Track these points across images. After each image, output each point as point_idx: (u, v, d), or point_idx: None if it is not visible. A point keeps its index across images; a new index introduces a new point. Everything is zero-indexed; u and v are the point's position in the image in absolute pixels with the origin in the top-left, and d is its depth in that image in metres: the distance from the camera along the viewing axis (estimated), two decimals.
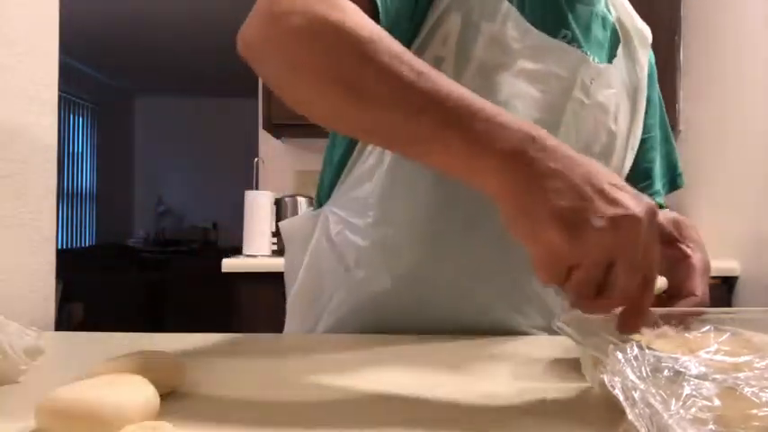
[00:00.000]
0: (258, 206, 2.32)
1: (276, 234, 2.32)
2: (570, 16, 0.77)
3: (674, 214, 0.73)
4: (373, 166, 0.75)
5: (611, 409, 0.45)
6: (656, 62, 0.92)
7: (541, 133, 0.48)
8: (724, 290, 2.08)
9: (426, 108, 0.49)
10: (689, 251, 0.69)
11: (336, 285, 0.78)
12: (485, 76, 0.71)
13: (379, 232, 0.75)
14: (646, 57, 0.87)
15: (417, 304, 0.75)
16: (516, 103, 0.72)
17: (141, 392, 0.43)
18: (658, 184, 0.90)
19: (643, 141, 0.88)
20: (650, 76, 0.90)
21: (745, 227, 2.08)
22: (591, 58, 0.77)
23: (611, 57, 0.82)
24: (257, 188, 2.65)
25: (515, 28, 0.72)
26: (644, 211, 0.45)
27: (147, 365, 0.50)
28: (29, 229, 0.88)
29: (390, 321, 0.75)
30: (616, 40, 0.83)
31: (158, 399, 0.45)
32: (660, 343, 0.49)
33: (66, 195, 5.73)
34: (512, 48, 0.71)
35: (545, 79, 0.73)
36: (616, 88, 0.81)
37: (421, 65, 0.51)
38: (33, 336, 0.59)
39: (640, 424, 0.35)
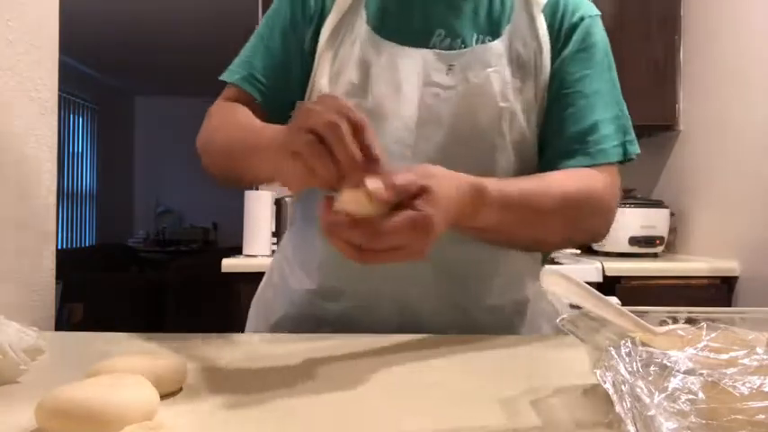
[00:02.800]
0: (258, 206, 2.31)
1: (276, 234, 2.32)
2: (447, 13, 0.83)
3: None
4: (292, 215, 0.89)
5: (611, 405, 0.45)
6: (656, 62, 0.92)
7: None
8: (724, 290, 2.08)
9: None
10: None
11: (283, 294, 0.87)
12: (356, 93, 0.81)
13: (325, 251, 0.82)
14: (540, 18, 0.85)
15: (362, 308, 0.81)
16: (384, 108, 0.80)
17: (141, 392, 0.43)
18: (609, 143, 0.85)
19: (579, 96, 0.84)
20: (568, 34, 0.86)
21: (746, 227, 2.08)
22: (457, 47, 0.82)
23: (498, 34, 0.83)
24: (257, 188, 2.64)
25: (372, 46, 0.82)
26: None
27: (147, 366, 0.50)
28: (29, 229, 0.88)
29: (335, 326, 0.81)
30: (510, 17, 0.84)
31: (158, 399, 0.45)
32: (658, 340, 0.49)
33: (66, 195, 5.73)
34: (370, 64, 0.82)
35: (397, 83, 0.81)
36: (497, 65, 0.81)
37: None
38: (33, 336, 0.59)
39: (626, 416, 0.35)
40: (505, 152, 0.81)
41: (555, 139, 0.83)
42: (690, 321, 0.54)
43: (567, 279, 0.51)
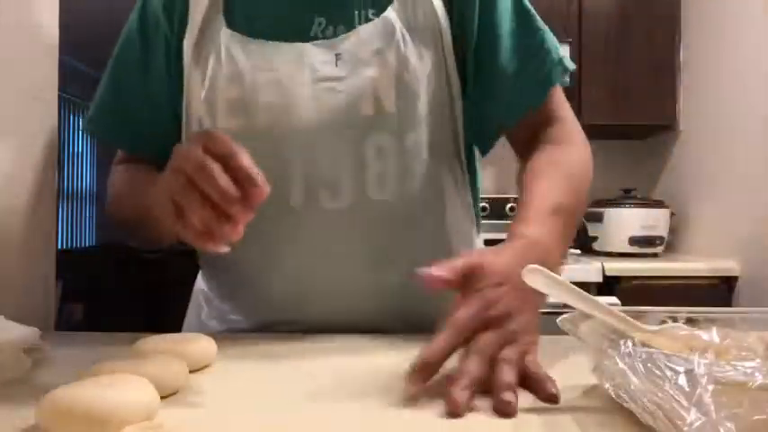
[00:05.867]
0: None
1: None
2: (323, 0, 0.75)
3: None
4: None
5: (617, 406, 0.45)
6: (656, 62, 0.90)
7: None
8: (724, 290, 2.08)
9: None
10: None
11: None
12: (239, 113, 0.73)
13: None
14: None
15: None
16: (278, 120, 0.73)
17: (141, 392, 0.43)
18: (547, 70, 0.78)
19: (497, 69, 0.77)
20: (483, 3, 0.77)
21: (745, 227, 2.08)
22: (338, 34, 0.74)
23: (383, 7, 0.75)
24: None
25: (242, 52, 0.74)
26: None
27: (147, 366, 0.50)
28: (29, 229, 0.88)
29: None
30: None
31: (158, 399, 0.45)
32: (658, 340, 0.49)
33: (66, 195, 5.73)
34: (244, 73, 0.73)
35: (278, 82, 0.73)
36: (389, 40, 0.73)
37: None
38: (33, 336, 0.59)
39: (643, 417, 0.35)
40: (418, 128, 0.75)
41: (489, 97, 0.78)
42: (690, 321, 0.54)
43: (546, 276, 0.51)
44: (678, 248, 2.50)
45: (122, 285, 4.45)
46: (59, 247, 1.33)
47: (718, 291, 2.07)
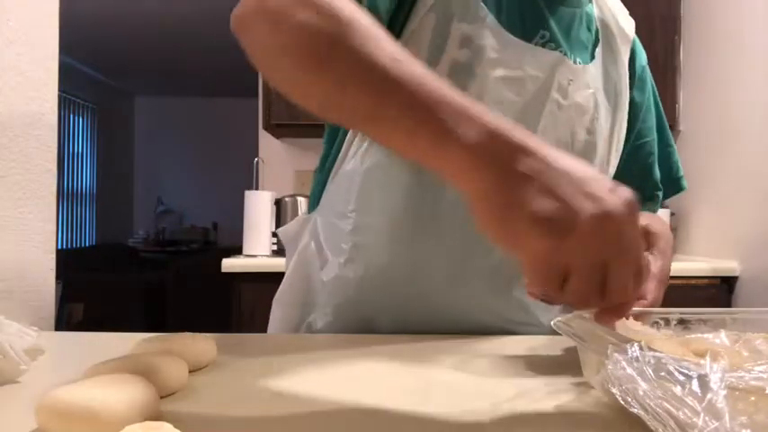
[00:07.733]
0: (258, 206, 2.32)
1: (276, 234, 2.33)
2: (550, 17, 0.77)
3: (645, 222, 0.71)
4: (353, 171, 0.77)
5: (610, 409, 0.45)
6: (656, 62, 0.93)
7: (507, 126, 0.46)
8: (724, 290, 2.08)
9: (394, 91, 0.48)
10: (650, 258, 0.69)
11: (320, 287, 0.80)
12: (458, 76, 0.70)
13: (359, 234, 0.77)
14: (626, 53, 0.87)
15: (399, 303, 0.77)
16: (492, 108, 0.71)
17: (141, 392, 0.43)
18: (658, 187, 0.92)
19: (640, 146, 0.89)
20: (641, 78, 0.90)
21: (746, 227, 2.08)
22: (569, 59, 0.77)
23: (591, 57, 0.82)
24: (257, 188, 2.64)
25: (492, 35, 0.72)
26: (623, 203, 0.44)
27: (147, 365, 0.50)
28: (29, 229, 0.88)
29: (373, 322, 0.77)
30: (597, 40, 0.83)
31: (158, 399, 0.45)
32: (659, 343, 0.49)
33: (66, 195, 5.73)
34: (487, 55, 0.72)
35: (521, 83, 0.74)
36: (594, 88, 0.80)
37: (398, 51, 0.51)
38: (33, 336, 0.59)
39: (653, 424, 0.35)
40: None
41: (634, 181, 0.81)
42: (682, 322, 0.54)
43: None
44: (678, 248, 2.50)
45: (122, 285, 4.46)
46: (59, 247, 1.34)
47: (719, 291, 2.07)
